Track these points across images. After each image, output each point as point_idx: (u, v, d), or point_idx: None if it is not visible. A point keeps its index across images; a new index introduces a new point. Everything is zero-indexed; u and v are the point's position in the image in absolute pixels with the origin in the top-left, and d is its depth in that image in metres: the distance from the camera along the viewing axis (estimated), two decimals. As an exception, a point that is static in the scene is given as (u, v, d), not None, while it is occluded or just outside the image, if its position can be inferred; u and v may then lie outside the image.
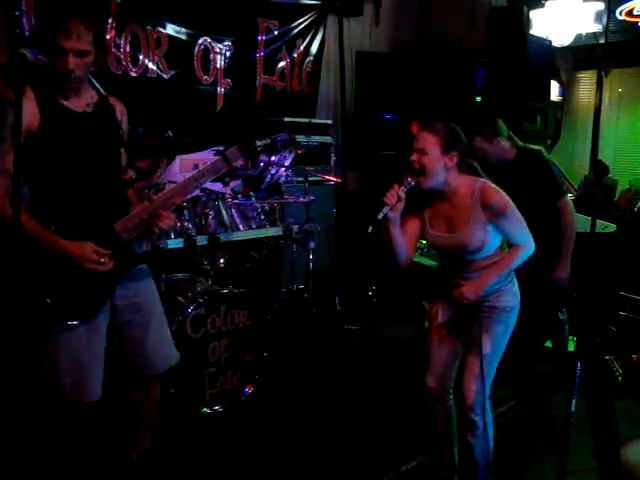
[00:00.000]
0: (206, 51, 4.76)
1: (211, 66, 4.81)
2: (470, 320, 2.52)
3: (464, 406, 2.47)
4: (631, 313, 4.12)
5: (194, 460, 2.95)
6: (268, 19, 5.15)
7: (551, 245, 3.31)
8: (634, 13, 6.18)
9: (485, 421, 2.47)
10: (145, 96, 4.32)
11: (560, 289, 3.47)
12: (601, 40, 6.18)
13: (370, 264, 5.42)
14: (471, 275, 2.47)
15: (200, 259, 3.62)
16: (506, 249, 2.51)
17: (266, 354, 3.56)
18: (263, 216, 3.84)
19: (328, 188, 5.13)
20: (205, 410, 3.29)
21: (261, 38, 5.15)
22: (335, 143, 5.36)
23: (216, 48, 4.82)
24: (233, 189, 3.90)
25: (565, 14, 6.19)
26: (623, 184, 6.23)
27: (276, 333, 3.90)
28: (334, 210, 5.15)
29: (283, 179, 4.17)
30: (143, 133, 3.20)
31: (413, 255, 2.56)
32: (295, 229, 4.02)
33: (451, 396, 2.61)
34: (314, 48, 5.61)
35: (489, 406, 2.50)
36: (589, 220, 2.44)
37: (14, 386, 2.51)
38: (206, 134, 4.47)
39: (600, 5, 6.18)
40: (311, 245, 4.23)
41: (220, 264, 3.76)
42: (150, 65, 4.41)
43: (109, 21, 4.10)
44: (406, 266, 2.53)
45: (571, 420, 2.14)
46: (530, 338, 3.69)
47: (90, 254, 2.20)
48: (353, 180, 5.63)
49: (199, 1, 4.64)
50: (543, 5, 6.33)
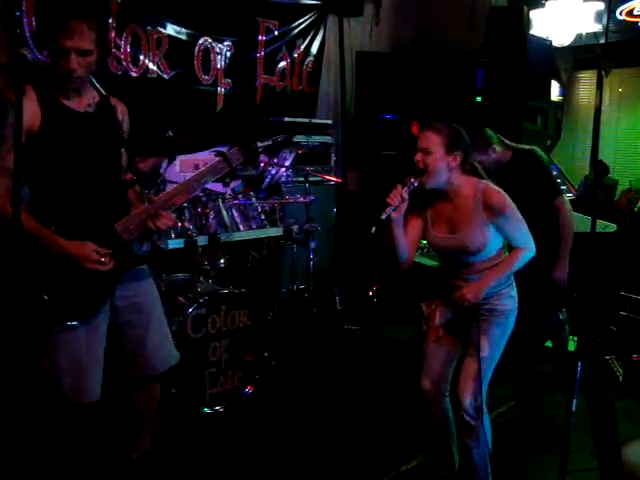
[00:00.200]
0: (206, 51, 4.76)
1: (211, 66, 4.81)
2: (468, 323, 2.51)
3: (461, 409, 2.47)
4: (631, 313, 4.12)
5: (194, 460, 2.95)
6: (268, 19, 5.15)
7: (549, 245, 3.31)
8: (634, 13, 6.17)
9: (482, 424, 2.47)
10: (145, 96, 4.32)
11: (559, 289, 3.48)
12: (601, 40, 6.17)
13: (370, 264, 5.43)
14: (471, 277, 2.47)
15: (200, 259, 3.63)
16: (506, 253, 2.51)
17: (266, 354, 3.57)
18: (263, 216, 3.85)
19: (328, 188, 5.13)
20: (206, 410, 3.29)
21: (261, 38, 5.14)
22: (335, 143, 5.37)
23: (216, 48, 4.82)
24: (233, 189, 3.91)
25: (565, 14, 6.18)
26: (623, 184, 6.22)
27: (276, 333, 3.90)
28: (334, 210, 5.15)
29: (283, 179, 4.17)
30: (144, 134, 3.20)
31: (414, 256, 2.56)
32: (295, 229, 4.02)
33: (447, 399, 2.61)
34: (314, 48, 5.60)
35: (486, 409, 2.49)
36: (589, 220, 2.45)
37: (14, 386, 2.51)
38: (206, 134, 4.48)
39: (600, 5, 6.18)
40: (311, 245, 4.23)
41: (220, 264, 3.77)
42: (150, 65, 4.41)
43: (109, 21, 4.10)
44: (407, 268, 2.53)
45: (571, 420, 2.14)
46: (530, 338, 3.69)
47: (91, 254, 2.20)
48: (353, 180, 5.63)
49: (199, 1, 4.64)
50: (543, 5, 6.32)
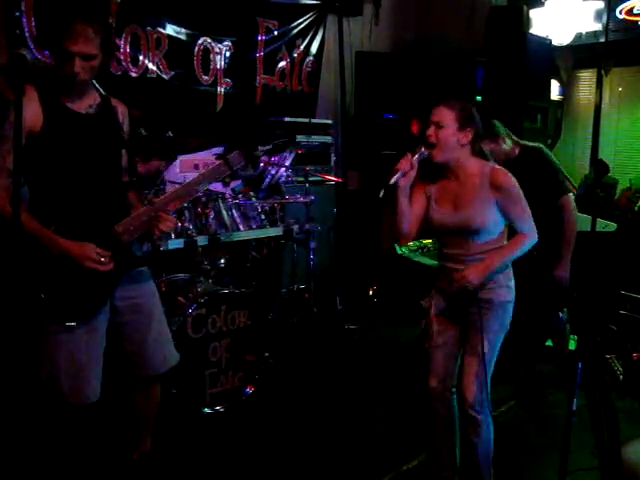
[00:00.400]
0: (206, 51, 4.75)
1: (211, 66, 4.80)
2: (463, 312, 2.51)
3: (465, 406, 2.47)
4: (632, 312, 4.12)
5: (195, 460, 2.95)
6: (268, 19, 5.15)
7: (552, 244, 3.30)
8: (634, 12, 6.16)
9: (487, 419, 2.48)
10: (145, 97, 4.32)
11: (561, 288, 3.47)
12: (601, 39, 6.17)
13: (371, 264, 5.43)
14: (472, 258, 2.46)
15: (201, 259, 3.63)
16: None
17: (267, 354, 3.57)
18: (263, 216, 3.85)
19: (328, 188, 5.13)
20: (206, 410, 3.29)
21: (261, 38, 5.14)
22: (335, 143, 5.37)
23: (216, 48, 4.81)
24: (233, 189, 3.91)
25: (565, 13, 6.18)
26: (623, 183, 6.21)
27: (277, 333, 3.90)
28: (334, 210, 5.15)
29: (283, 179, 4.17)
30: (145, 134, 3.20)
31: (416, 234, 2.56)
32: (295, 229, 4.03)
33: (454, 395, 2.61)
34: (314, 48, 5.60)
35: (489, 405, 2.49)
36: (589, 219, 2.45)
37: (14, 387, 2.51)
38: (206, 134, 4.48)
39: (600, 4, 6.17)
40: (311, 245, 4.23)
41: (220, 264, 3.77)
42: (150, 65, 4.40)
43: (109, 21, 4.10)
44: (406, 242, 2.53)
45: (572, 419, 2.14)
46: (531, 337, 3.69)
47: (91, 253, 2.21)
48: (353, 180, 5.63)
49: (199, 1, 4.63)
50: (543, 4, 6.32)
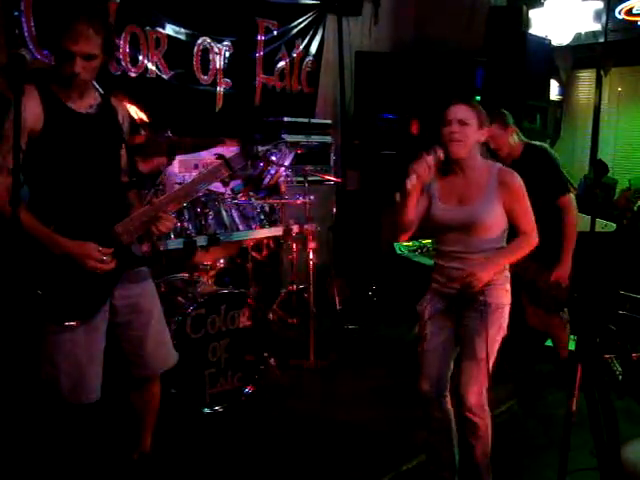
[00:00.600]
0: (205, 51, 4.76)
1: (210, 66, 4.80)
2: (461, 315, 2.51)
3: (464, 409, 2.46)
4: (631, 312, 4.12)
5: (195, 460, 2.95)
6: (267, 19, 5.15)
7: (553, 244, 3.30)
8: (633, 12, 6.16)
9: (486, 421, 2.48)
10: (144, 96, 4.31)
11: (561, 288, 3.47)
12: (600, 39, 6.16)
13: (370, 264, 5.43)
14: (472, 256, 2.46)
15: (200, 259, 3.62)
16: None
17: (266, 354, 3.56)
18: (263, 216, 3.85)
19: (328, 188, 5.13)
20: (206, 410, 3.29)
21: (260, 38, 5.14)
22: (335, 143, 5.37)
23: (215, 48, 4.81)
24: (233, 189, 3.91)
25: (564, 13, 6.17)
26: (623, 183, 6.21)
27: (276, 333, 3.90)
28: (334, 210, 5.15)
29: (283, 179, 4.17)
30: (144, 134, 3.21)
31: (415, 231, 2.58)
32: (295, 229, 4.03)
33: (447, 399, 2.60)
34: (313, 48, 5.60)
35: (487, 406, 2.49)
36: (589, 219, 2.44)
37: (14, 387, 2.51)
38: (206, 134, 4.47)
39: (599, 4, 6.17)
40: (311, 245, 4.23)
41: (220, 264, 3.77)
42: (149, 65, 4.40)
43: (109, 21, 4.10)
44: (406, 238, 2.56)
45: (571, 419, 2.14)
46: (530, 337, 3.69)
47: (93, 252, 2.21)
48: (353, 180, 5.64)
49: (198, 1, 4.63)
50: (542, 4, 6.31)
